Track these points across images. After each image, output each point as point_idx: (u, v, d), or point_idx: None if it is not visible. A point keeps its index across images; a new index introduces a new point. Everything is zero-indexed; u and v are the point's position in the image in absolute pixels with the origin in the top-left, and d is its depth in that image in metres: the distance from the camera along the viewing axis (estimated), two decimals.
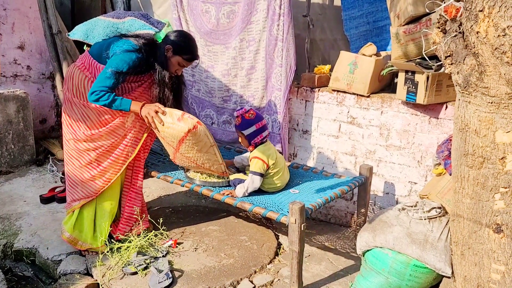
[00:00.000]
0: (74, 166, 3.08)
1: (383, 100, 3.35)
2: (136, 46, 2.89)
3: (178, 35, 3.02)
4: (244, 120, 3.02)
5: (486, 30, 2.06)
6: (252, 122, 3.02)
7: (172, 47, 2.95)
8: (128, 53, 2.85)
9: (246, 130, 3.03)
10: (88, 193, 3.07)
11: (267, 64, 3.73)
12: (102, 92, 2.82)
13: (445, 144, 2.93)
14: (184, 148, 2.98)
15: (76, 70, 3.03)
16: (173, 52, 2.95)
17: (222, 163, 3.09)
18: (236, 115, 3.07)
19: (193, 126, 2.85)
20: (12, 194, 4.06)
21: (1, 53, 4.73)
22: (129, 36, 3.00)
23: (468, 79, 2.21)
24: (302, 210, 2.56)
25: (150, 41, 2.98)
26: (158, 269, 2.87)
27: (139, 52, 2.88)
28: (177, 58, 2.97)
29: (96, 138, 3.00)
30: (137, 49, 2.88)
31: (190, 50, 3.00)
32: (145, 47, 2.92)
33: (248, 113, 3.03)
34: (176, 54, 2.96)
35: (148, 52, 2.93)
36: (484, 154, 2.24)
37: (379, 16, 3.82)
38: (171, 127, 2.89)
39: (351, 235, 3.40)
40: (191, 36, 3.12)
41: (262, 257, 3.14)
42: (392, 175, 3.39)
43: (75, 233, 3.11)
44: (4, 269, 3.13)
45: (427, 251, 2.57)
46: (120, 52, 2.86)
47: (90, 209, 3.12)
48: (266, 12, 3.62)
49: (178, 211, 3.81)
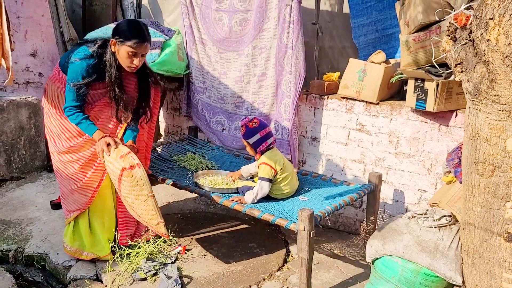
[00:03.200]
0: (62, 177, 3.09)
1: (392, 107, 3.35)
2: (88, 52, 2.78)
3: (122, 23, 2.81)
4: (248, 129, 3.05)
5: (497, 38, 2.06)
6: (256, 130, 3.04)
7: (114, 39, 2.74)
8: (79, 62, 2.76)
9: (251, 138, 3.06)
10: (78, 206, 3.08)
11: (277, 71, 3.75)
12: (71, 109, 2.82)
13: (455, 152, 2.92)
14: (124, 190, 2.78)
15: (49, 82, 3.04)
16: (118, 44, 2.74)
17: (161, 221, 2.71)
18: (240, 124, 3.10)
19: (130, 166, 2.64)
20: (23, 199, 4.10)
21: (14, 60, 4.80)
22: (88, 42, 2.90)
23: (479, 87, 2.21)
24: (311, 217, 2.56)
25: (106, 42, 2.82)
26: (167, 275, 2.88)
27: (90, 58, 2.77)
28: (123, 47, 2.72)
29: (76, 149, 2.99)
30: (88, 55, 2.77)
31: (132, 34, 2.71)
32: (99, 50, 2.79)
33: (251, 122, 3.06)
34: (121, 44, 2.73)
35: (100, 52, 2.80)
36: (495, 162, 2.23)
37: (388, 23, 3.83)
38: (112, 163, 2.76)
39: (360, 243, 3.38)
40: (137, 21, 2.86)
41: (271, 264, 3.13)
42: (402, 182, 3.38)
43: (76, 245, 3.12)
44: (15, 274, 3.15)
45: (437, 260, 2.55)
46: (72, 62, 2.79)
47: (84, 221, 3.12)
48: (276, 20, 3.64)
49: (187, 217, 3.82)
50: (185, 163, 3.65)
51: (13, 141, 4.46)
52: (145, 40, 2.76)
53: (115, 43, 2.76)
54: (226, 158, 3.83)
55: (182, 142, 4.13)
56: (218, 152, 3.96)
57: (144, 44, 2.76)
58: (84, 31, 5.19)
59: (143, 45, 2.76)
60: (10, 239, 3.43)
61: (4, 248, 3.33)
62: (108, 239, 3.11)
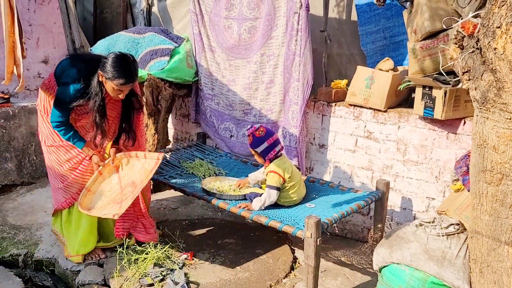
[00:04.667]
0: (51, 175, 3.21)
1: (400, 115, 3.34)
2: (75, 76, 2.87)
3: (110, 59, 2.83)
4: (255, 138, 3.05)
5: (504, 46, 2.06)
6: (263, 139, 3.04)
7: (103, 73, 2.83)
8: (67, 86, 2.86)
9: (258, 147, 3.05)
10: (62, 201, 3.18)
11: (285, 78, 3.77)
12: (58, 124, 2.95)
13: (463, 159, 2.91)
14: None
15: (43, 86, 3.11)
16: (106, 78, 2.84)
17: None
18: (247, 134, 3.10)
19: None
20: (34, 204, 4.15)
21: (26, 67, 4.88)
22: (80, 61, 2.98)
23: (486, 95, 2.20)
24: (318, 224, 2.56)
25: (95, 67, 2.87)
26: (174, 281, 2.90)
27: (78, 82, 2.86)
28: (109, 82, 2.84)
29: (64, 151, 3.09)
30: (75, 79, 2.86)
31: (119, 74, 2.80)
32: (88, 74, 2.88)
33: (258, 131, 3.05)
34: (108, 79, 2.83)
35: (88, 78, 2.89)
36: (503, 171, 2.22)
37: (396, 31, 3.83)
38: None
39: (368, 251, 3.37)
40: (125, 58, 2.86)
41: (278, 271, 3.13)
42: (410, 190, 3.37)
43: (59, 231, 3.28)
44: (25, 278, 3.19)
45: (445, 268, 2.53)
46: (61, 84, 2.91)
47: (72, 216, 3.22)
48: (285, 27, 3.67)
49: (194, 223, 3.84)
50: (193, 169, 3.67)
51: (24, 147, 4.52)
52: (131, 81, 2.86)
53: (102, 76, 2.85)
54: (234, 165, 3.85)
55: (190, 148, 4.16)
56: (226, 159, 3.98)
57: (130, 84, 2.87)
58: (95, 38, 5.26)
59: (129, 85, 2.87)
60: (20, 244, 3.47)
61: (14, 253, 3.37)
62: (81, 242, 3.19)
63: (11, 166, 4.46)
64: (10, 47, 2.72)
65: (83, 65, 2.93)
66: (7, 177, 4.44)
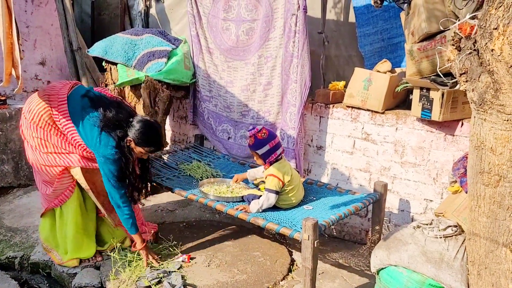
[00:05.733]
0: (35, 179, 3.19)
1: (397, 116, 3.34)
2: (117, 153, 2.91)
3: (140, 128, 2.93)
4: (257, 140, 3.01)
5: (501, 47, 2.05)
6: (265, 141, 3.01)
7: (133, 141, 2.93)
8: (114, 161, 2.91)
9: (260, 149, 3.02)
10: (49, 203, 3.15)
11: (283, 80, 3.77)
12: (127, 201, 3.01)
13: (461, 161, 2.90)
14: None
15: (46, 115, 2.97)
16: (135, 144, 2.95)
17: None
18: (249, 135, 3.06)
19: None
20: (30, 207, 4.13)
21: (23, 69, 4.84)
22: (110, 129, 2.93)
23: (483, 96, 2.20)
24: (315, 226, 2.55)
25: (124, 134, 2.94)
26: (171, 283, 2.88)
27: (121, 155, 2.94)
28: (139, 149, 2.97)
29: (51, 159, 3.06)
30: (119, 156, 2.93)
31: (152, 142, 2.97)
32: (119, 147, 2.93)
33: (260, 133, 3.02)
34: (137, 145, 2.95)
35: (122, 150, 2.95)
36: (501, 172, 2.21)
37: (394, 33, 3.83)
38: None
39: (366, 253, 3.36)
40: (154, 126, 3.01)
41: (275, 274, 3.12)
42: (407, 192, 3.36)
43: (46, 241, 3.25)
44: (21, 281, 3.18)
45: (442, 270, 2.52)
46: (105, 160, 2.91)
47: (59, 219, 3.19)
48: (282, 29, 3.66)
49: (192, 225, 3.82)
50: (190, 171, 3.66)
51: (20, 149, 4.50)
52: (160, 148, 3.12)
53: (132, 142, 2.95)
54: (232, 167, 3.84)
55: (188, 150, 4.15)
56: (223, 161, 3.97)
57: (160, 151, 3.14)
58: (93, 40, 5.25)
59: (158, 151, 3.19)
60: (17, 246, 3.46)
61: (10, 255, 3.35)
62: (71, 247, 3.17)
63: (7, 168, 4.44)
64: (8, 49, 2.71)
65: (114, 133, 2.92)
66: (4, 179, 4.43)
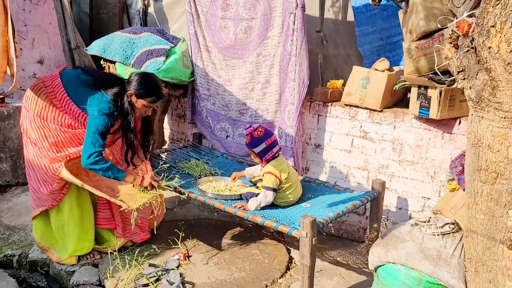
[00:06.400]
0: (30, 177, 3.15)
1: (395, 114, 3.35)
2: (112, 108, 2.94)
3: (139, 79, 3.00)
4: (254, 138, 3.03)
5: (498, 45, 2.06)
6: (262, 139, 3.03)
7: (134, 93, 2.97)
8: (107, 116, 2.92)
9: (256, 147, 3.04)
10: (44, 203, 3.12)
11: (281, 78, 3.77)
12: (98, 156, 2.90)
13: (458, 159, 2.91)
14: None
15: (42, 93, 3.02)
16: (136, 97, 2.98)
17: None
18: (245, 133, 3.08)
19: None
20: (28, 205, 4.11)
21: (21, 67, 4.87)
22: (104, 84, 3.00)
23: (481, 94, 2.21)
24: (313, 224, 2.56)
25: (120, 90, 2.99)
26: (169, 281, 2.88)
27: (115, 111, 2.96)
28: (141, 101, 3.00)
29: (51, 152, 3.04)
30: (113, 111, 2.95)
31: (152, 92, 3.01)
32: (117, 102, 2.97)
33: (256, 131, 3.04)
34: (139, 98, 2.99)
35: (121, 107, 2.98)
36: (498, 170, 2.22)
37: (392, 31, 3.84)
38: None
39: (364, 251, 3.36)
40: (152, 77, 3.09)
41: (274, 271, 3.13)
42: (405, 190, 3.37)
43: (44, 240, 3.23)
44: (19, 279, 3.18)
45: (440, 268, 2.53)
46: (98, 114, 2.91)
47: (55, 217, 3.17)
48: (281, 27, 3.67)
49: (190, 224, 3.83)
50: (188, 170, 3.66)
51: (19, 147, 4.50)
52: (162, 97, 3.10)
53: (133, 95, 2.97)
54: (230, 165, 3.84)
55: (186, 149, 4.15)
56: (221, 159, 3.98)
57: (161, 101, 3.11)
58: (91, 39, 5.24)
59: (160, 101, 3.11)
60: (15, 244, 3.46)
61: (9, 253, 3.35)
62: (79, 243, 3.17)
63: (6, 166, 4.44)
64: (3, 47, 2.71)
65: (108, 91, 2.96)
66: (2, 178, 4.42)
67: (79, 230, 3.16)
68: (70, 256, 3.16)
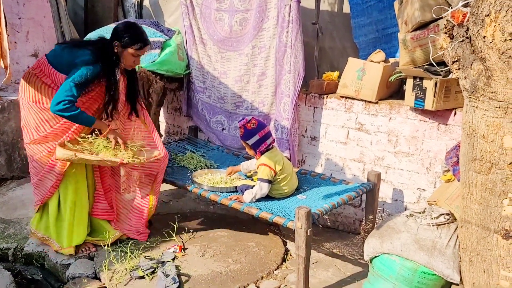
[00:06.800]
0: (35, 168, 3.13)
1: (391, 106, 3.34)
2: (94, 58, 2.90)
3: (122, 28, 2.97)
4: (247, 130, 3.04)
5: (493, 34, 2.06)
6: (255, 131, 3.04)
7: (119, 42, 2.93)
8: (88, 67, 2.86)
9: (250, 140, 3.05)
10: (45, 192, 3.11)
11: (277, 70, 3.76)
12: (68, 103, 2.83)
13: (454, 150, 2.91)
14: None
15: (33, 77, 3.02)
16: (122, 47, 2.94)
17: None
18: (238, 126, 3.09)
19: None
20: (24, 199, 4.11)
21: (16, 60, 4.83)
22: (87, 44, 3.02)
23: (476, 84, 2.21)
24: (308, 215, 2.56)
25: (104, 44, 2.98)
26: (165, 273, 2.88)
27: (96, 63, 2.90)
28: (128, 51, 2.95)
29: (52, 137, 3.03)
30: (94, 61, 2.90)
31: (138, 38, 2.96)
32: (99, 53, 2.93)
33: (249, 123, 3.05)
34: (125, 47, 2.94)
35: (103, 57, 2.93)
36: (492, 159, 2.23)
37: (388, 23, 3.82)
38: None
39: (360, 242, 3.37)
40: (135, 24, 3.07)
41: (269, 263, 3.13)
42: (401, 181, 3.37)
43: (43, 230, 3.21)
44: (14, 272, 3.16)
45: (435, 258, 2.54)
46: (80, 64, 2.87)
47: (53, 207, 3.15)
48: (276, 19, 3.65)
49: (186, 217, 3.82)
50: (184, 162, 3.65)
51: (13, 141, 4.48)
52: (148, 42, 3.04)
53: (119, 45, 2.94)
54: (226, 158, 3.84)
55: (182, 142, 4.14)
56: (217, 152, 3.97)
57: (148, 46, 3.03)
58: (85, 32, 5.21)
59: (147, 47, 3.03)
60: (10, 238, 3.44)
61: (4, 247, 3.34)
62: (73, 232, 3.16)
63: (0, 160, 4.41)
64: None
65: (91, 47, 2.96)
66: None
67: (78, 218, 3.15)
68: (70, 246, 3.15)
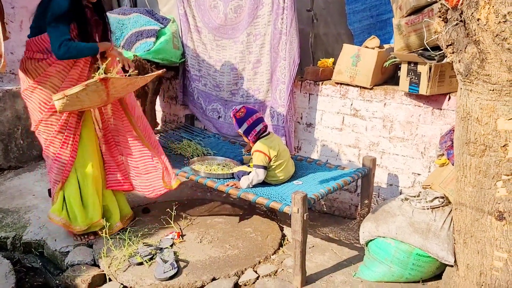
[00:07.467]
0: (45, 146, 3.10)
1: (386, 92, 3.36)
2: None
3: None
4: (237, 119, 3.11)
5: (487, 17, 2.07)
6: (243, 119, 3.10)
7: None
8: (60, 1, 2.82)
9: (240, 128, 3.11)
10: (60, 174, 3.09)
11: (272, 57, 3.76)
12: (66, 42, 2.81)
13: (448, 134, 2.94)
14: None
15: (27, 61, 3.01)
16: None
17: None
18: (231, 116, 3.14)
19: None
20: (21, 188, 4.12)
21: (10, 50, 4.80)
22: None
23: (470, 67, 2.22)
24: (304, 199, 2.59)
25: None
26: (163, 259, 2.91)
27: None
28: None
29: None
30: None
31: None
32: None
33: (239, 112, 3.11)
34: None
35: None
36: (486, 142, 2.25)
37: (383, 9, 3.83)
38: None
39: (355, 227, 3.41)
40: None
41: (267, 248, 3.16)
42: (396, 166, 3.40)
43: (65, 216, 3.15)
44: (13, 260, 3.18)
45: (429, 240, 2.58)
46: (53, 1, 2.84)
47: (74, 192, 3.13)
48: (271, 6, 3.64)
49: (184, 204, 3.84)
50: (181, 150, 3.67)
51: (10, 131, 4.47)
52: None
53: None
54: (222, 145, 3.85)
55: (178, 130, 4.15)
56: (214, 139, 3.98)
57: None
58: None
59: None
60: (8, 227, 3.46)
61: (2, 236, 3.36)
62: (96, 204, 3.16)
63: None
64: None
65: None
66: None
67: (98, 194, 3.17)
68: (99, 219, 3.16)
